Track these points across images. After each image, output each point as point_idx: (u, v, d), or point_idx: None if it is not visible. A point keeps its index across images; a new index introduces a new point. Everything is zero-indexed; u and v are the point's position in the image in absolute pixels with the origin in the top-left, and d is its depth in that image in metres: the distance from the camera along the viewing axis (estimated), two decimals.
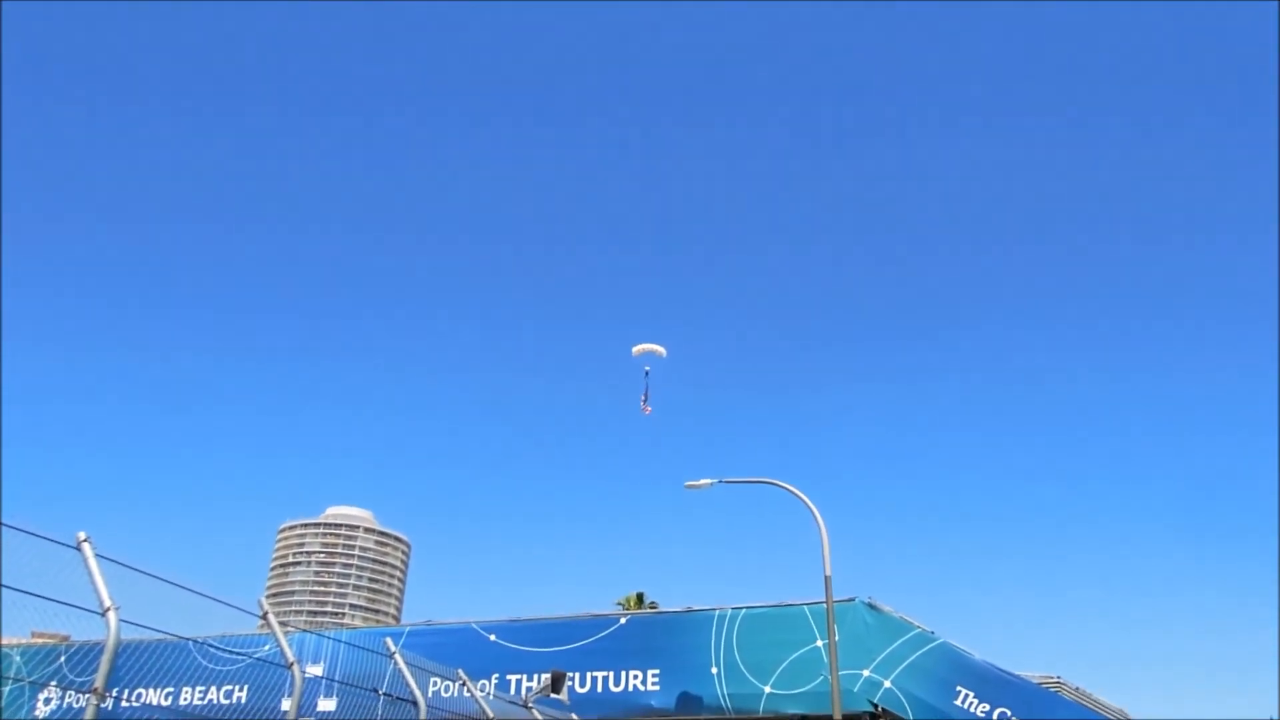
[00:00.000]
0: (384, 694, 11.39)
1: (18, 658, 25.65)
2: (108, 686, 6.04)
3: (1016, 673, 21.10)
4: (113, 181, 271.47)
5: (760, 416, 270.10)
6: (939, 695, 21.02)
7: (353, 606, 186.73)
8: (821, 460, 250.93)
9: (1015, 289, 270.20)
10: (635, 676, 23.91)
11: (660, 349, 23.38)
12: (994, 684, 20.83)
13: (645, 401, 23.32)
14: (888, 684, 21.50)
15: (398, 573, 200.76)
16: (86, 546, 6.34)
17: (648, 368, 23.71)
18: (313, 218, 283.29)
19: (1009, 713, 20.37)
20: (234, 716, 21.17)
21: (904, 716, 21.27)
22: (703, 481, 20.33)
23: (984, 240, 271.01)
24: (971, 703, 20.66)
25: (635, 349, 23.56)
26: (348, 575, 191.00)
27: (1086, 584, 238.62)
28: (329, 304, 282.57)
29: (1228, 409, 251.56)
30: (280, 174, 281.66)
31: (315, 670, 21.36)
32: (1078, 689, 21.01)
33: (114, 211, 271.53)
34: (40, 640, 26.62)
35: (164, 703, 24.21)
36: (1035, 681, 21.07)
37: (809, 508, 18.94)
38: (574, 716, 16.79)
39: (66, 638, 25.65)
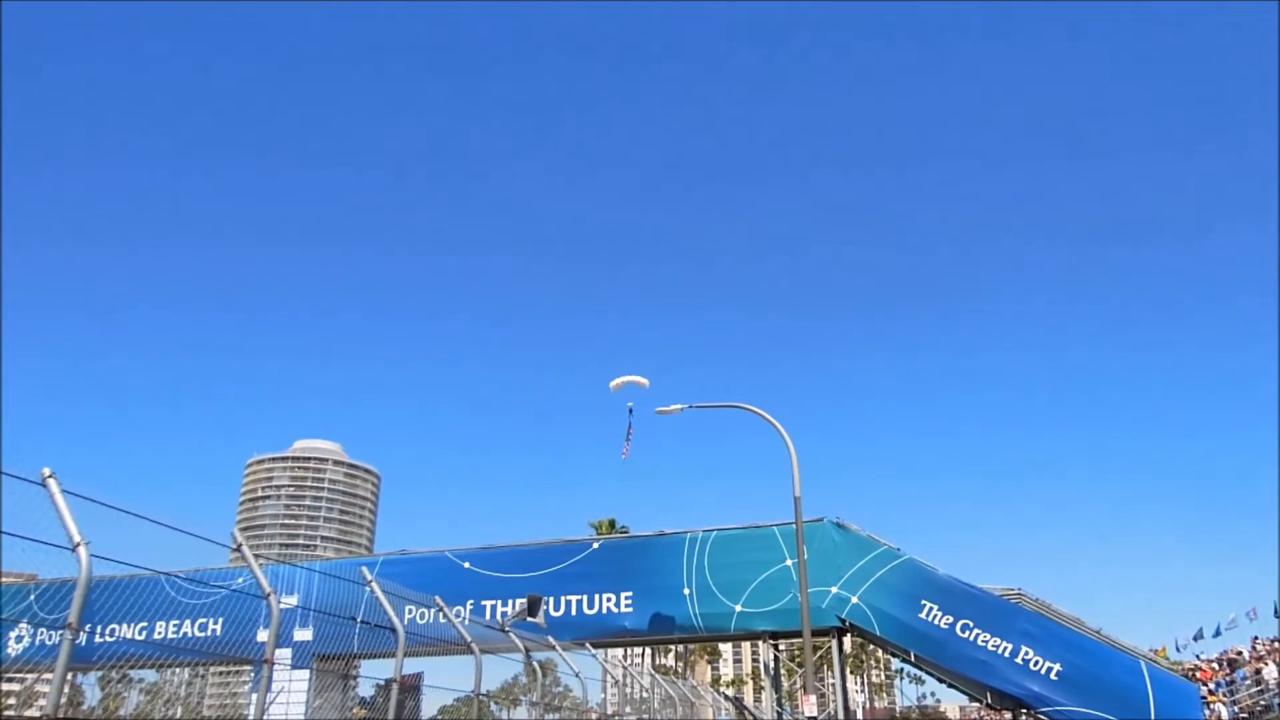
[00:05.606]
0: (361, 622, 11.44)
1: None
2: (81, 622, 5.95)
3: (979, 585, 21.81)
4: (88, 119, 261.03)
5: (730, 342, 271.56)
6: (904, 609, 21.71)
7: (324, 539, 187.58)
8: (790, 385, 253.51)
9: (987, 217, 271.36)
10: (609, 599, 24.38)
11: (642, 380, 20.91)
12: (957, 596, 21.54)
13: (628, 442, 21.03)
14: (855, 599, 22.14)
15: (368, 504, 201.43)
16: (52, 482, 6.16)
17: (630, 403, 21.22)
18: (288, 152, 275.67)
19: (971, 623, 21.11)
20: (209, 648, 21.30)
21: (870, 630, 21.99)
22: (673, 407, 20.38)
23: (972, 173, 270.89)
24: (935, 615, 21.37)
25: (613, 383, 20.90)
26: (318, 508, 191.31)
27: (1052, 497, 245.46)
28: (293, 235, 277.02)
29: (1207, 323, 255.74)
30: (266, 117, 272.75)
31: (291, 601, 21.49)
32: (1038, 600, 21.75)
33: (88, 142, 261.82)
34: (8, 580, 26.49)
35: (138, 637, 24.31)
36: (997, 594, 21.80)
37: (778, 430, 19.11)
38: (551, 639, 17.05)
39: (34, 577, 25.60)
